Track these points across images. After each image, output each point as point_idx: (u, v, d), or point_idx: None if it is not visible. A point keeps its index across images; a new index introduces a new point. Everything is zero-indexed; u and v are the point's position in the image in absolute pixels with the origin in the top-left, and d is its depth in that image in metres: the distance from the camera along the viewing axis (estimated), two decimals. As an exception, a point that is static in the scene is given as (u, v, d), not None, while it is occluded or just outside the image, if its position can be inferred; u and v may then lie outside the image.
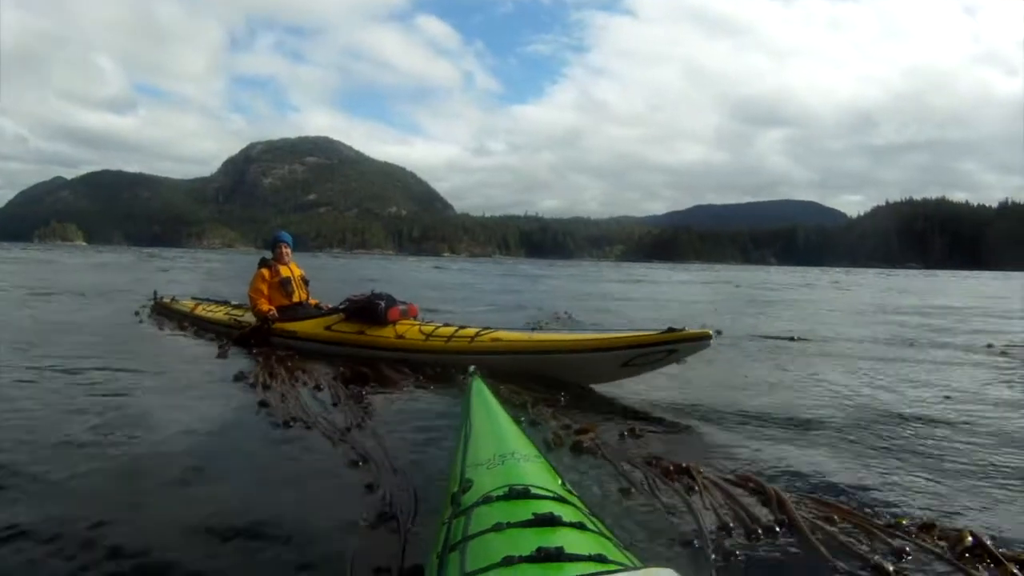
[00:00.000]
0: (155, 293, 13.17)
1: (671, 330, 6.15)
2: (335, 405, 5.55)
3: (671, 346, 6.16)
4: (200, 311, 10.96)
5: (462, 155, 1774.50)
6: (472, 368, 3.96)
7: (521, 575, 1.74)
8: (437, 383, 6.54)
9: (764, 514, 3.44)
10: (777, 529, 3.27)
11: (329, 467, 4.12)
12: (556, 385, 6.28)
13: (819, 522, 3.36)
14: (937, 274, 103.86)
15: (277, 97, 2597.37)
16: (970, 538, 3.15)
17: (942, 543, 3.17)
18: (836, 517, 3.39)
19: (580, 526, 2.04)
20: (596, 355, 6.48)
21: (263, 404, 5.49)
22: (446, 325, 7.80)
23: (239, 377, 6.52)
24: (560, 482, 2.47)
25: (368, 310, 7.85)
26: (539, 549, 1.78)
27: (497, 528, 1.99)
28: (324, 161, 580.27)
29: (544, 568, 1.74)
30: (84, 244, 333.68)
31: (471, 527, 2.09)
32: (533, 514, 2.03)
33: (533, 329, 8.21)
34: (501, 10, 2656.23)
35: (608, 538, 2.08)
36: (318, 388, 6.16)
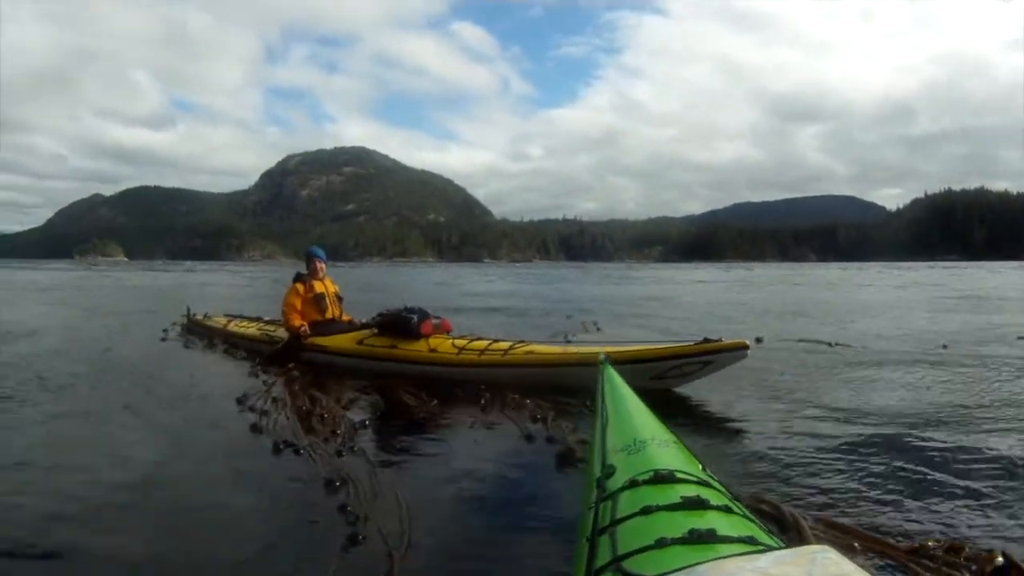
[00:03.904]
0: (188, 309, 13.21)
1: (706, 340, 6.08)
2: (334, 432, 5.41)
3: (707, 357, 6.10)
4: (232, 327, 11.06)
5: (499, 160, 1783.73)
6: (603, 357, 4.16)
7: (674, 556, 1.76)
8: (446, 404, 6.39)
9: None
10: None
11: (308, 492, 4.08)
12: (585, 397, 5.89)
13: (839, 549, 2.90)
14: (980, 265, 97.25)
15: (313, 108, 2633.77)
16: (1000, 559, 2.96)
17: (971, 565, 3.00)
18: (857, 544, 3.20)
19: (727, 509, 2.09)
20: (629, 367, 5.85)
21: (255, 429, 5.52)
22: (479, 339, 7.77)
23: (241, 400, 6.45)
24: (701, 467, 2.60)
25: (401, 324, 7.84)
26: (691, 531, 1.84)
27: (646, 511, 2.05)
28: (361, 171, 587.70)
29: (696, 549, 1.78)
30: (125, 260, 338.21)
31: (619, 511, 2.14)
32: (681, 497, 2.08)
33: (567, 342, 8.06)
34: (531, 14, 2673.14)
35: (754, 521, 2.13)
36: (322, 415, 6.00)
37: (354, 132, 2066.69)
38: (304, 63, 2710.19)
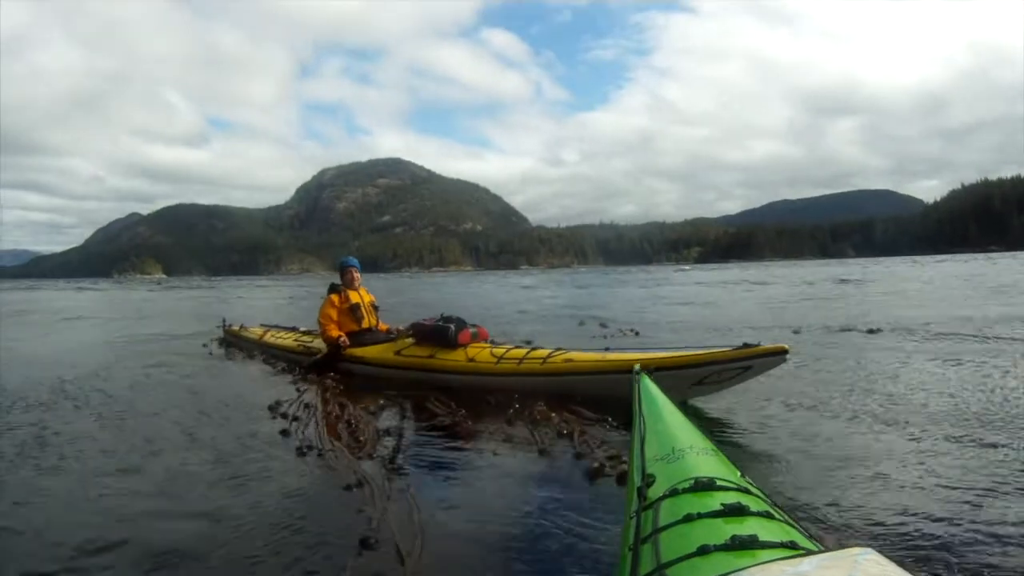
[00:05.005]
0: (223, 320, 13.47)
1: (746, 346, 6.05)
2: (359, 439, 5.53)
3: (745, 363, 6.04)
4: (269, 338, 11.23)
5: (535, 167, 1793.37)
6: (637, 367, 4.17)
7: (717, 563, 1.80)
8: (473, 413, 6.43)
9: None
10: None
11: (326, 495, 4.24)
12: (621, 407, 5.61)
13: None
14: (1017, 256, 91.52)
15: (347, 121, 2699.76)
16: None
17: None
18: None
19: (767, 515, 2.12)
20: (669, 374, 6.01)
21: (284, 433, 5.71)
22: (517, 347, 7.79)
23: (273, 407, 6.65)
24: (739, 474, 2.59)
25: (438, 334, 7.89)
26: (733, 537, 1.87)
27: (688, 519, 2.08)
28: (396, 182, 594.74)
29: (739, 555, 1.81)
30: (164, 277, 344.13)
31: (661, 519, 2.18)
32: (722, 504, 2.12)
33: (606, 349, 7.58)
34: (560, 18, 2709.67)
35: (794, 526, 2.16)
36: (348, 421, 6.19)
37: (388, 143, 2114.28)
38: (337, 76, 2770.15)
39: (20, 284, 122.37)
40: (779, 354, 5.95)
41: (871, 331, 11.27)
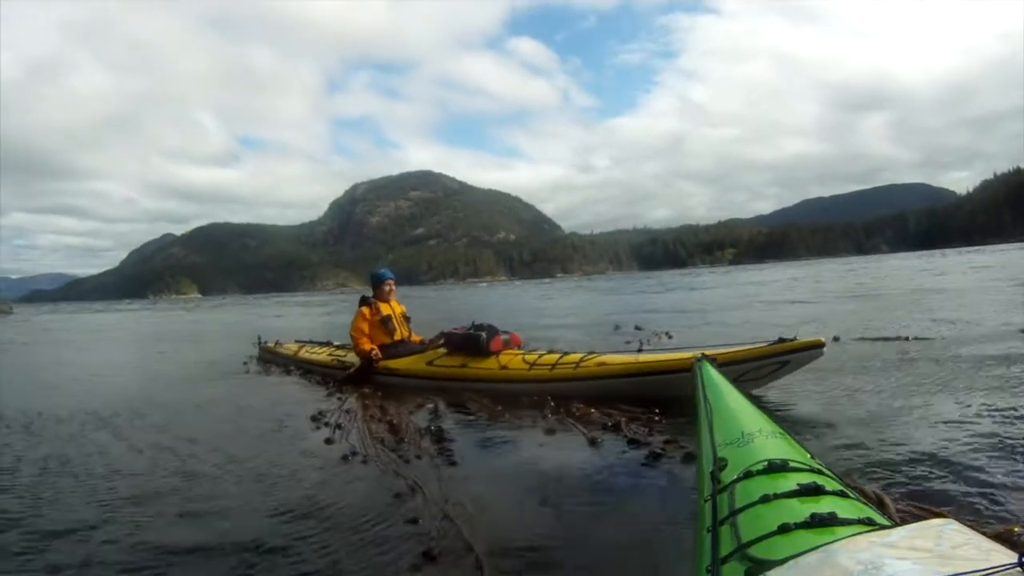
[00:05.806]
0: (259, 338, 13.52)
1: (781, 340, 6.04)
2: (402, 440, 5.53)
3: (783, 357, 6.05)
4: (304, 353, 11.21)
5: (566, 174, 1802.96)
6: (699, 355, 4.19)
7: (799, 540, 1.82)
8: (514, 410, 6.51)
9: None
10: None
11: (377, 504, 4.08)
12: (661, 405, 6.02)
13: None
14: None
15: (377, 135, 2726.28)
16: (1086, 547, 2.92)
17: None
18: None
19: (842, 494, 2.15)
20: None
21: (328, 441, 5.65)
22: (550, 352, 7.75)
23: (316, 418, 6.65)
24: (810, 456, 2.60)
25: (470, 342, 7.88)
26: (812, 515, 1.90)
27: (764, 500, 2.12)
28: (428, 195, 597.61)
29: (819, 533, 1.83)
30: (199, 297, 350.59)
31: (737, 501, 2.21)
32: (798, 485, 2.16)
33: (638, 351, 7.44)
34: (585, 24, 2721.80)
35: (868, 505, 2.18)
36: (391, 422, 6.22)
37: (419, 156, 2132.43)
38: (365, 91, 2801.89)
39: (59, 308, 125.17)
40: (816, 347, 6.01)
41: (907, 339, 10.60)
